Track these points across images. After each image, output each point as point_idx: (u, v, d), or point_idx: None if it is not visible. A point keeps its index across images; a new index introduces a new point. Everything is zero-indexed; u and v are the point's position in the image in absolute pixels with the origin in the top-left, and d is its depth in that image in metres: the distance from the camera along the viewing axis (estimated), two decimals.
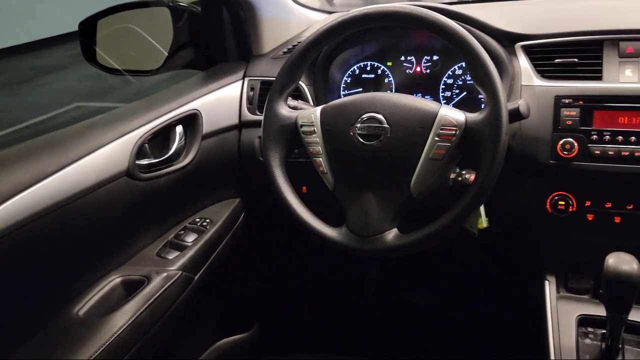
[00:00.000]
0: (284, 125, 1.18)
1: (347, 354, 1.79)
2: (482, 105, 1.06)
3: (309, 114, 1.16)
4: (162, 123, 1.29)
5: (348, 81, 1.52)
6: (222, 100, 1.46)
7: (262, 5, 1.53)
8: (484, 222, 1.22)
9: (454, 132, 1.05)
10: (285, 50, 1.54)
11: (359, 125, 1.10)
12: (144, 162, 1.26)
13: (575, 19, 1.29)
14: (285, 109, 1.19)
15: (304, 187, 1.38)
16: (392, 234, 1.08)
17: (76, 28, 1.48)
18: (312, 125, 1.15)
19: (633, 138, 1.12)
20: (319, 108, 1.16)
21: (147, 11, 1.58)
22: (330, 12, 1.74)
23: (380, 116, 1.09)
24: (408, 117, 1.08)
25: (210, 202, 1.48)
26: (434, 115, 1.06)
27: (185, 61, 1.59)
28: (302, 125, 1.16)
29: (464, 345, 1.75)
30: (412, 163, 1.07)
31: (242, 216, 1.52)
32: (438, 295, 1.82)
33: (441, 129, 1.06)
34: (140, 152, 1.24)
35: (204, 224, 1.40)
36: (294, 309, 1.91)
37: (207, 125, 1.40)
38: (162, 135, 1.32)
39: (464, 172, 1.12)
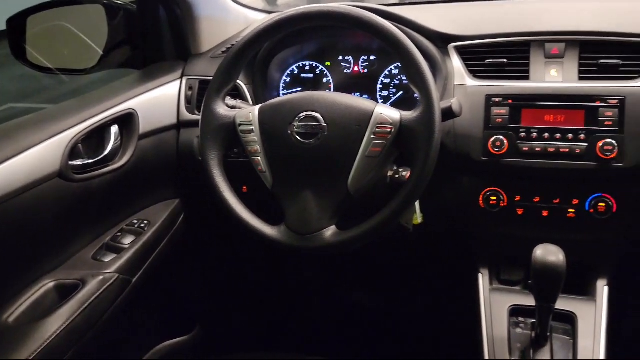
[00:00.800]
0: (222, 125, 1.17)
1: (291, 352, 1.79)
2: (417, 104, 1.09)
3: (247, 113, 1.16)
4: (96, 123, 1.26)
5: (287, 81, 1.52)
6: (159, 100, 1.44)
7: (200, 4, 1.52)
8: (418, 218, 1.25)
9: (389, 130, 1.07)
10: (224, 49, 1.53)
11: (296, 124, 1.11)
12: (78, 162, 1.23)
13: (505, 21, 1.34)
14: (223, 108, 1.19)
15: (244, 187, 1.38)
16: (330, 232, 1.09)
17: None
18: (250, 125, 1.15)
19: (558, 135, 1.18)
20: (257, 107, 1.17)
21: (81, 8, 1.54)
22: (270, 12, 1.75)
23: (317, 115, 1.10)
24: (345, 115, 1.09)
25: (148, 204, 1.46)
26: (369, 114, 1.08)
27: (121, 60, 1.56)
28: (240, 125, 1.16)
29: (403, 340, 1.78)
30: (349, 161, 1.08)
31: (181, 217, 1.51)
32: (378, 291, 1.85)
33: (377, 127, 1.07)
34: (73, 153, 1.20)
35: (142, 225, 1.37)
36: (237, 309, 1.90)
37: (143, 125, 1.37)
38: (97, 136, 1.29)
39: (400, 169, 1.15)
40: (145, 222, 1.39)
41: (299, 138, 1.10)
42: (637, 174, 1.15)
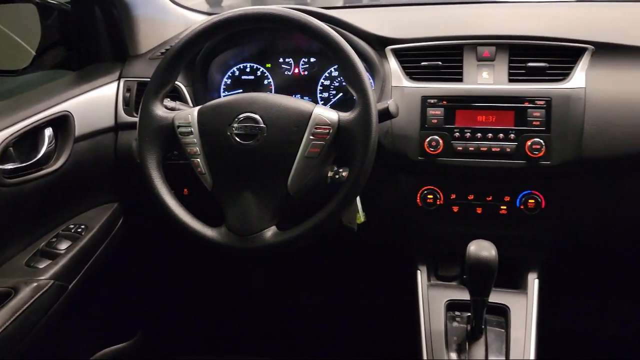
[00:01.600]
0: (160, 126, 1.16)
1: (234, 354, 1.79)
2: (354, 105, 1.11)
3: (186, 114, 1.15)
4: (28, 125, 1.22)
5: (228, 82, 1.52)
6: (96, 102, 1.41)
7: (138, 4, 1.50)
8: (361, 217, 1.27)
9: (327, 131, 1.09)
10: (163, 50, 1.51)
11: (235, 125, 1.11)
12: (9, 166, 1.19)
13: (440, 25, 1.39)
14: (161, 110, 1.17)
15: (185, 189, 1.37)
16: (270, 232, 1.10)
17: None
18: (189, 126, 1.14)
19: (490, 135, 1.22)
20: (196, 109, 1.16)
21: (12, 7, 1.49)
22: (210, 14, 1.74)
23: (256, 116, 1.11)
24: (284, 117, 1.10)
25: (85, 208, 1.42)
26: (308, 115, 1.10)
27: (56, 61, 1.53)
28: (179, 126, 1.15)
29: (347, 337, 1.80)
30: (289, 162, 1.09)
31: (120, 221, 1.48)
32: (323, 290, 1.87)
33: (315, 128, 1.09)
34: (4, 156, 1.16)
35: (79, 230, 1.34)
36: (180, 312, 1.88)
37: (79, 128, 1.34)
38: (30, 138, 1.25)
39: (340, 169, 1.16)
40: (82, 226, 1.36)
41: (238, 139, 1.11)
42: (563, 172, 1.20)
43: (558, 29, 1.30)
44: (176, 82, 1.35)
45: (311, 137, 1.09)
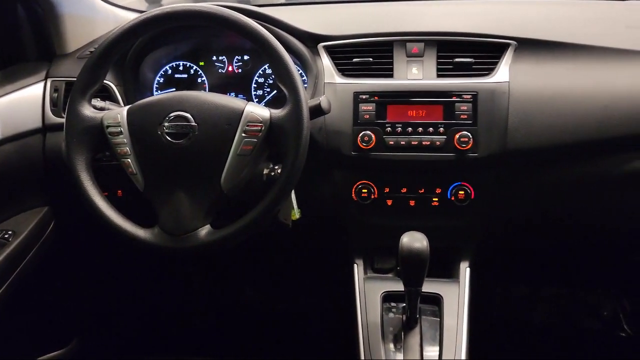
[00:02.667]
0: (89, 127, 1.13)
1: (174, 355, 1.77)
2: (286, 102, 1.12)
3: (115, 114, 1.13)
4: None
5: (161, 81, 1.50)
6: (21, 103, 1.36)
7: (63, 2, 1.45)
8: (296, 214, 1.28)
9: (259, 128, 1.09)
10: (92, 49, 1.47)
11: (166, 124, 1.10)
12: None
13: (370, 22, 1.41)
14: (89, 110, 1.15)
15: (119, 191, 1.34)
16: (204, 231, 1.10)
17: None
18: (119, 126, 1.12)
19: (420, 129, 1.25)
20: (126, 108, 1.14)
21: None
22: (141, 12, 1.70)
23: (187, 115, 1.10)
24: (215, 115, 1.10)
25: (12, 213, 1.37)
26: (240, 113, 1.10)
27: None
28: (108, 126, 1.13)
29: (287, 331, 1.81)
30: (221, 160, 1.09)
31: (51, 225, 1.43)
32: (263, 286, 1.87)
33: (247, 126, 1.09)
34: None
35: (6, 236, 1.30)
36: (117, 316, 1.84)
37: (4, 130, 1.29)
38: None
39: (276, 167, 1.17)
40: (10, 232, 1.31)
41: (169, 138, 1.09)
42: (491, 163, 1.25)
43: (483, 25, 1.35)
44: (106, 82, 1.33)
45: (243, 134, 1.09)
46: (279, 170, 1.16)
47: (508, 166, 1.27)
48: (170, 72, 1.49)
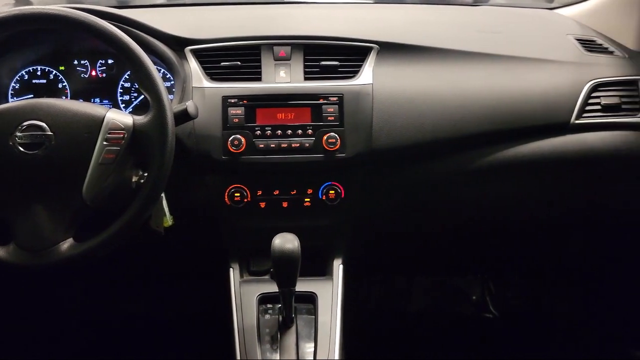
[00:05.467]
0: None
1: None
2: (149, 108, 1.09)
3: None
4: None
5: (17, 87, 1.41)
6: None
7: None
8: (169, 220, 1.25)
9: (122, 135, 1.06)
10: None
11: (19, 134, 1.04)
12: None
13: (238, 26, 1.41)
14: None
15: None
16: (67, 244, 1.05)
17: None
18: None
19: (290, 131, 1.27)
20: None
21: None
22: None
23: (41, 123, 1.04)
24: (73, 123, 1.05)
25: None
26: (100, 120, 1.06)
27: None
28: None
29: (167, 339, 1.78)
30: (82, 169, 1.05)
31: None
32: (143, 296, 1.82)
33: (109, 134, 1.06)
34: None
35: None
36: None
37: None
38: None
39: (145, 173, 1.14)
40: None
41: (22, 149, 1.04)
42: (358, 162, 1.29)
43: (348, 29, 1.39)
44: None
45: (105, 142, 1.05)
46: None
47: (375, 165, 1.32)
48: (27, 77, 1.41)
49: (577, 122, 1.34)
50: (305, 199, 1.32)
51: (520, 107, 1.33)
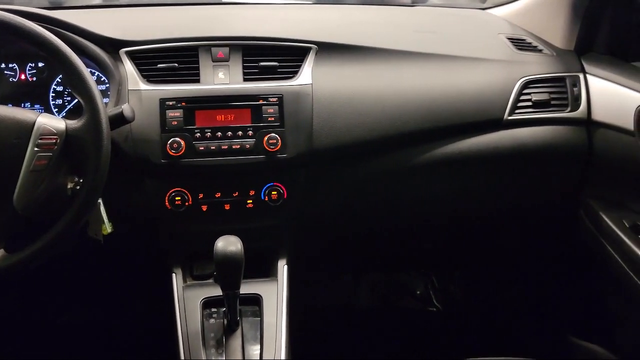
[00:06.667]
0: None
1: None
2: (82, 112, 1.06)
3: None
4: None
5: None
6: None
7: None
8: (107, 228, 1.22)
9: (54, 141, 1.03)
10: None
11: None
12: None
13: (175, 27, 1.38)
14: None
15: None
16: None
17: None
18: None
19: (230, 133, 1.26)
20: None
21: None
22: None
23: None
24: (1, 129, 1.01)
25: None
26: (30, 126, 1.02)
27: None
28: None
29: (110, 348, 1.73)
30: (12, 177, 1.01)
31: None
32: (86, 306, 1.77)
33: (40, 139, 1.02)
34: None
35: None
36: None
37: None
38: None
39: (81, 180, 1.10)
40: None
41: None
42: (300, 163, 1.30)
43: (286, 30, 1.39)
44: None
45: (36, 148, 1.02)
46: None
47: (317, 164, 1.33)
48: None
49: (510, 118, 1.39)
50: (248, 201, 1.31)
51: (456, 104, 1.37)
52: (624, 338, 1.43)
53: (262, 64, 1.32)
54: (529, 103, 1.40)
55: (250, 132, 1.27)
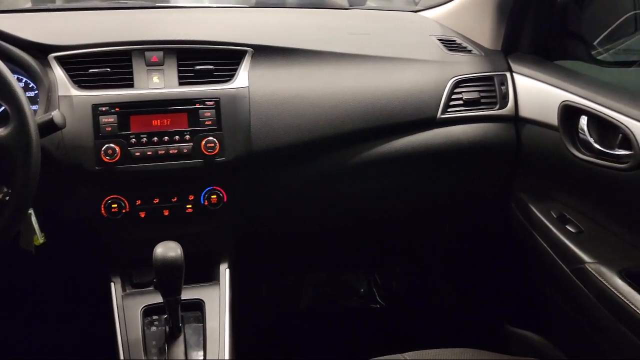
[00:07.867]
0: None
1: None
2: (9, 120, 1.02)
3: None
4: None
5: None
6: None
7: None
8: (40, 238, 1.18)
9: None
10: None
11: None
12: None
13: (106, 31, 1.36)
14: None
15: None
16: None
17: None
18: None
19: (166, 138, 1.25)
20: None
21: None
22: None
23: None
24: None
25: None
26: None
27: None
28: None
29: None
30: None
31: None
32: (23, 320, 1.70)
33: None
34: None
35: None
36: None
37: None
38: None
39: (10, 190, 1.07)
40: None
41: None
42: (238, 166, 1.29)
43: (221, 33, 1.39)
44: None
45: None
46: None
47: (256, 167, 1.33)
48: None
49: (442, 116, 1.43)
50: (187, 206, 1.29)
51: (391, 104, 1.40)
52: (556, 324, 1.50)
53: (197, 67, 1.31)
54: (460, 102, 1.45)
55: (188, 136, 1.26)
